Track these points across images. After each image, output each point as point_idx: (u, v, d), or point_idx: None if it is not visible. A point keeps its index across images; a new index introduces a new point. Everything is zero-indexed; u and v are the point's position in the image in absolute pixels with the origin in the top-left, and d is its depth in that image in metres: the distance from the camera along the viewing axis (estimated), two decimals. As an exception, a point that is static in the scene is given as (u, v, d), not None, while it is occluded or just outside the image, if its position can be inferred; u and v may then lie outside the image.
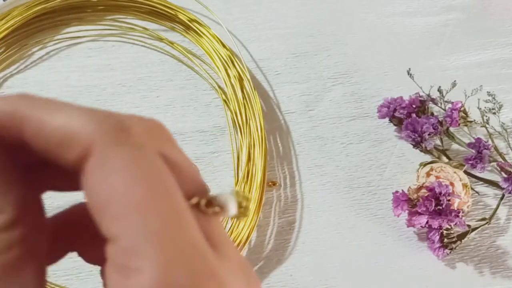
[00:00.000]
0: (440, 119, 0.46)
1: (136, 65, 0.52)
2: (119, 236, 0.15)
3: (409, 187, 0.44)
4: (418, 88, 0.48)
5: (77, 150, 0.16)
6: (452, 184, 0.43)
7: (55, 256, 0.20)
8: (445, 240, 0.43)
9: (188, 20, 0.52)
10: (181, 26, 0.53)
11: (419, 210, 0.42)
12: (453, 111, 0.46)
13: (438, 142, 0.47)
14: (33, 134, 0.16)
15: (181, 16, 0.52)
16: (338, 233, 0.45)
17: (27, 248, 0.17)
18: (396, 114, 0.47)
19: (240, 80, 0.49)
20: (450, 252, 0.43)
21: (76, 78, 0.51)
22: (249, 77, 0.49)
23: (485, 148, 0.44)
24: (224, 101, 0.50)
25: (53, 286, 0.42)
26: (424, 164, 0.46)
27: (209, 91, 0.51)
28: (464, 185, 0.44)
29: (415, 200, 0.43)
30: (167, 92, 0.51)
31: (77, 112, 0.16)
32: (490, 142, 0.45)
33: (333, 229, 0.46)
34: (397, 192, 0.43)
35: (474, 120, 0.47)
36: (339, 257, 0.45)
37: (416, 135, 0.45)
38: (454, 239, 0.43)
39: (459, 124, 0.46)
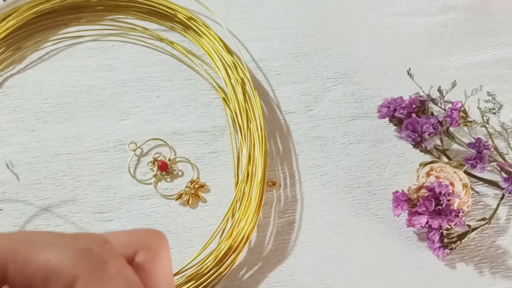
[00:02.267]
0: (440, 119, 0.46)
1: (136, 65, 0.52)
2: None
3: (409, 187, 0.44)
4: (418, 88, 0.48)
5: (63, 283, 0.17)
6: (452, 184, 0.43)
7: None
8: (445, 240, 0.43)
9: (188, 20, 0.52)
10: (181, 26, 0.53)
11: (419, 210, 0.42)
12: (453, 111, 0.46)
13: (438, 142, 0.47)
14: (17, 272, 0.17)
15: (181, 16, 0.52)
16: (338, 233, 0.45)
17: None
18: (396, 114, 0.47)
19: (241, 80, 0.49)
20: (450, 252, 0.43)
21: (76, 78, 0.51)
22: (249, 77, 0.49)
23: (485, 148, 0.44)
24: (224, 100, 0.50)
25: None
26: (424, 164, 0.46)
27: (209, 91, 0.51)
28: (464, 185, 0.44)
29: (415, 200, 0.43)
30: (167, 92, 0.51)
31: (59, 248, 0.18)
32: (490, 142, 0.45)
33: (333, 229, 0.46)
34: (397, 192, 0.43)
35: (474, 120, 0.47)
36: (339, 257, 0.45)
37: (416, 135, 0.45)
38: (454, 239, 0.43)
39: (459, 124, 0.46)
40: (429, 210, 0.42)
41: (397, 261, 0.45)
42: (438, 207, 0.42)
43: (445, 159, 0.47)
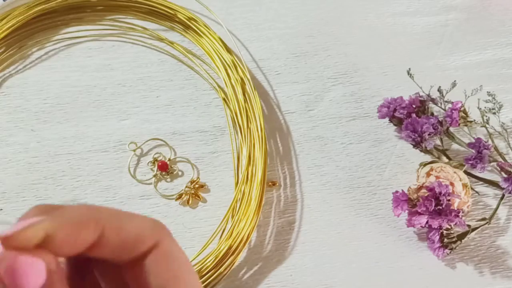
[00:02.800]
0: (440, 119, 0.46)
1: (136, 65, 0.52)
2: None
3: (409, 187, 0.44)
4: (418, 88, 0.48)
5: (148, 245, 0.22)
6: (452, 184, 0.43)
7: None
8: (445, 240, 0.43)
9: (188, 20, 0.52)
10: (180, 26, 0.53)
11: (419, 210, 0.42)
12: (453, 111, 0.46)
13: (438, 142, 0.47)
14: (112, 235, 0.21)
15: (180, 16, 0.52)
16: (338, 233, 0.45)
17: None
18: (396, 114, 0.47)
19: (241, 80, 0.49)
20: (450, 252, 0.43)
21: (76, 78, 0.51)
22: (249, 77, 0.49)
23: (485, 148, 0.44)
24: (224, 100, 0.50)
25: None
26: (424, 164, 0.46)
27: (209, 91, 0.51)
28: (464, 185, 0.44)
29: (415, 200, 0.43)
30: (167, 92, 0.51)
31: (142, 218, 0.22)
32: (490, 142, 0.45)
33: (333, 229, 0.46)
34: (397, 192, 0.43)
35: (474, 120, 0.47)
36: (339, 257, 0.45)
37: (416, 135, 0.45)
38: (454, 239, 0.43)
39: (459, 124, 0.46)
40: (429, 210, 0.42)
41: (397, 261, 0.45)
42: (438, 207, 0.42)
43: (445, 159, 0.47)
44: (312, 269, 0.44)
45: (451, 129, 0.47)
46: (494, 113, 0.46)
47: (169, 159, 0.48)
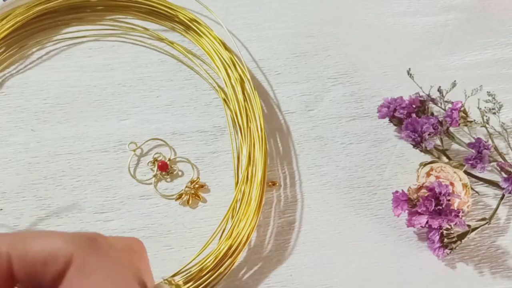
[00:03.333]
0: (440, 119, 0.46)
1: (136, 65, 0.52)
2: None
3: (409, 187, 0.44)
4: (418, 88, 0.48)
5: (61, 263, 0.20)
6: (452, 184, 0.43)
7: None
8: (445, 240, 0.43)
9: (188, 20, 0.52)
10: (181, 26, 0.53)
11: (419, 210, 0.42)
12: (453, 111, 0.46)
13: (438, 142, 0.47)
14: (20, 263, 0.20)
15: (181, 16, 0.52)
16: (338, 233, 0.46)
17: None
18: (396, 114, 0.47)
19: (241, 80, 0.49)
20: (450, 252, 0.43)
21: (76, 78, 0.51)
22: (249, 77, 0.49)
23: (485, 148, 0.44)
24: (224, 100, 0.50)
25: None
26: (424, 164, 0.46)
27: (209, 91, 0.51)
28: (464, 185, 0.44)
29: (415, 200, 0.43)
30: (167, 92, 0.51)
31: (52, 234, 0.21)
32: (490, 142, 0.45)
33: (333, 229, 0.46)
34: (397, 192, 0.43)
35: (474, 120, 0.47)
36: (339, 257, 0.45)
37: (416, 135, 0.45)
38: (454, 239, 0.43)
39: (459, 124, 0.46)
40: (429, 210, 0.42)
41: (397, 261, 0.45)
42: (438, 207, 0.42)
43: (445, 159, 0.47)
44: (312, 269, 0.44)
45: (451, 129, 0.47)
46: (494, 113, 0.46)
47: (169, 159, 0.48)
